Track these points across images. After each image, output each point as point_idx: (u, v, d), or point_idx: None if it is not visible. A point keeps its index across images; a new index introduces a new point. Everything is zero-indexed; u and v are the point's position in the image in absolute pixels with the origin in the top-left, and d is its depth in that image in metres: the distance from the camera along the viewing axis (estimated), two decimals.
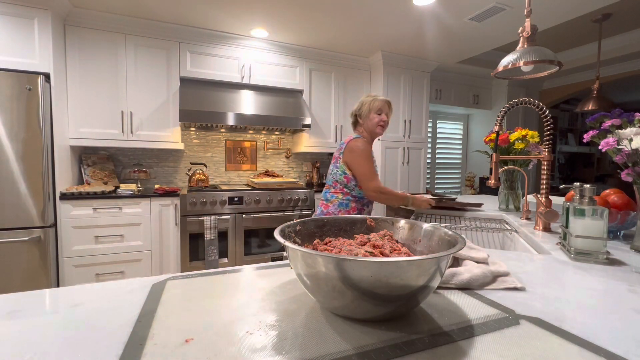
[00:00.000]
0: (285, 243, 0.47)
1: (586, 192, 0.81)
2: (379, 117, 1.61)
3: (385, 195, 1.52)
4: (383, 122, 1.62)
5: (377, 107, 1.61)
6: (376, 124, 1.62)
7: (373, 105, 1.62)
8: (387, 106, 1.65)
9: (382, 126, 1.64)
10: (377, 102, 1.62)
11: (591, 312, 0.50)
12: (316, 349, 0.39)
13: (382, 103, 1.62)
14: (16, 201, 2.06)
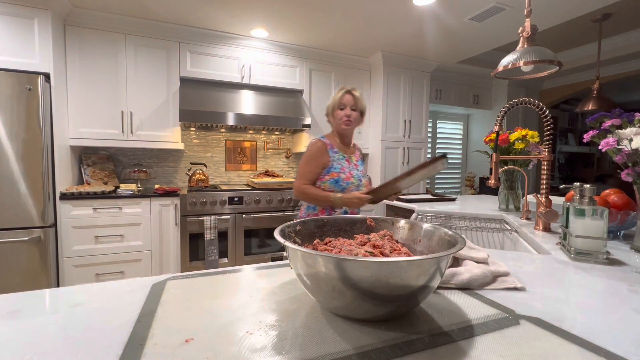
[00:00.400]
0: (285, 243, 0.47)
1: (586, 192, 0.81)
2: (341, 113, 1.44)
3: (306, 195, 1.42)
4: (347, 117, 1.43)
5: (337, 101, 1.44)
6: (339, 120, 1.45)
7: (335, 100, 1.46)
8: (350, 98, 1.44)
9: (347, 122, 1.44)
10: (338, 94, 1.44)
11: (591, 312, 0.50)
12: (316, 349, 0.39)
13: (343, 95, 1.43)
14: (16, 201, 2.06)
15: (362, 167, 1.55)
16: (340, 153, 1.49)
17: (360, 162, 1.56)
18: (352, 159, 1.51)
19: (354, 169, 1.48)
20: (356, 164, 1.52)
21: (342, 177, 1.41)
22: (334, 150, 1.48)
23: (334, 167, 1.44)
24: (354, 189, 1.42)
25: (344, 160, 1.47)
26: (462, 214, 1.60)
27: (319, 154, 1.45)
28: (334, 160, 1.46)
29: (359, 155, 1.59)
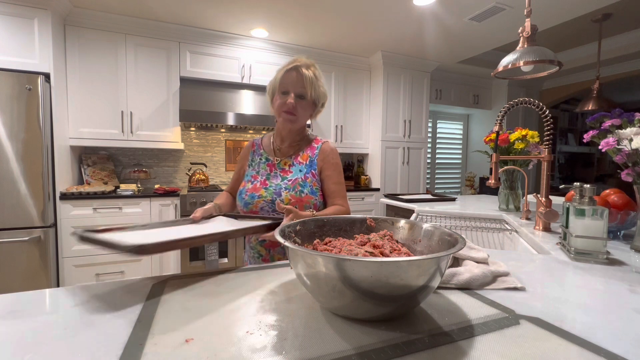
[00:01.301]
0: (285, 243, 0.47)
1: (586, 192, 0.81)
2: (281, 100, 0.99)
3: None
4: (289, 106, 0.98)
5: (277, 83, 1.00)
6: (278, 110, 1.01)
7: (275, 80, 1.02)
8: (296, 77, 0.98)
9: (289, 114, 0.99)
10: (280, 73, 1.00)
11: (591, 312, 0.50)
12: (316, 349, 0.39)
13: (286, 75, 0.98)
14: (16, 201, 2.06)
15: (300, 175, 1.04)
16: (264, 155, 1.11)
17: (302, 168, 1.05)
18: (280, 164, 1.07)
19: (276, 178, 1.05)
20: (288, 169, 1.06)
21: (245, 189, 1.04)
22: (258, 152, 1.13)
23: (246, 175, 1.11)
24: (265, 205, 1.00)
25: (264, 164, 1.09)
26: (462, 214, 1.60)
27: (241, 156, 1.18)
28: (251, 164, 1.13)
29: (307, 157, 1.08)
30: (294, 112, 1.00)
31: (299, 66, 0.99)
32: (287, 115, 1.00)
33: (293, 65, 0.99)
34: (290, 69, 0.99)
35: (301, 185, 1.03)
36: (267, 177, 1.07)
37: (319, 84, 1.02)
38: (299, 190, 1.02)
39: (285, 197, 0.99)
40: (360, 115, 3.53)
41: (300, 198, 1.00)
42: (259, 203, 1.01)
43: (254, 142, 1.17)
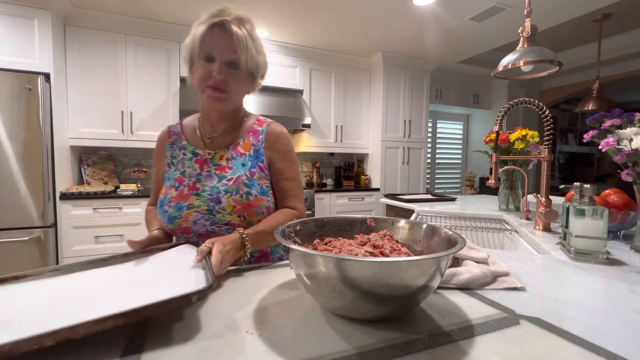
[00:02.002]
0: (285, 243, 0.47)
1: (586, 192, 0.81)
2: (203, 70, 0.73)
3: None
4: (215, 79, 0.72)
5: (198, 44, 0.72)
6: (200, 83, 0.74)
7: (194, 41, 0.73)
8: (224, 39, 0.71)
9: (217, 90, 0.73)
10: (199, 29, 0.72)
11: (591, 312, 0.50)
12: (316, 349, 0.39)
13: (209, 33, 0.72)
14: (16, 201, 2.06)
15: (245, 171, 0.79)
16: (190, 148, 0.83)
17: (244, 161, 0.80)
18: (214, 159, 0.80)
19: (210, 179, 0.78)
20: (226, 164, 0.80)
21: (167, 198, 0.77)
22: (179, 144, 0.84)
23: (167, 176, 0.82)
24: (199, 218, 0.75)
25: (190, 161, 0.81)
26: (462, 214, 1.60)
27: (155, 153, 0.88)
28: (171, 163, 0.83)
29: (251, 146, 0.82)
30: (223, 88, 0.73)
31: (227, 21, 0.70)
32: (213, 93, 0.73)
33: (219, 20, 0.70)
34: (214, 25, 0.70)
35: (247, 184, 0.77)
36: (197, 179, 0.78)
37: (257, 48, 0.76)
38: (245, 192, 0.76)
39: (227, 203, 0.74)
40: (360, 115, 3.53)
41: (248, 202, 0.75)
42: (190, 216, 0.75)
43: (169, 131, 0.86)
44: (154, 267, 0.57)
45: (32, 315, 0.40)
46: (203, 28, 0.72)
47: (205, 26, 0.72)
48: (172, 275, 0.52)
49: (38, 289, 0.50)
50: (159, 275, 0.52)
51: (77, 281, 0.52)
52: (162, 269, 0.56)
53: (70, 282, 0.52)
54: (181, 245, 0.69)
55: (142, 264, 0.59)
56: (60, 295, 0.47)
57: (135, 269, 0.57)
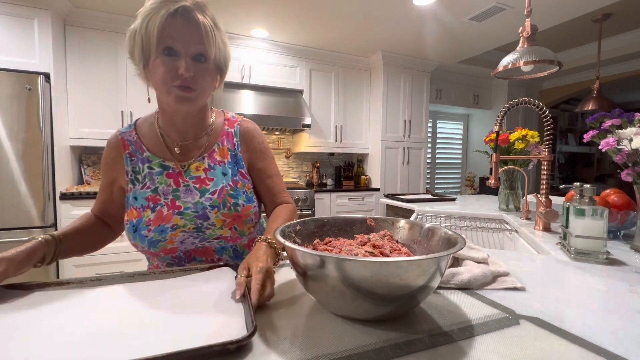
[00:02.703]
0: (285, 243, 0.47)
1: (586, 192, 0.81)
2: (165, 67, 0.62)
3: None
4: (183, 77, 0.62)
5: (156, 35, 0.61)
6: (163, 83, 0.63)
7: (149, 30, 0.61)
8: (189, 28, 0.62)
9: (186, 89, 0.63)
10: (155, 18, 0.60)
11: (591, 312, 0.50)
12: (316, 349, 0.39)
13: (170, 22, 0.61)
14: (16, 201, 2.06)
15: (227, 181, 0.73)
16: (156, 161, 0.72)
17: (224, 168, 0.74)
18: (189, 171, 0.72)
19: (189, 194, 0.71)
20: (205, 176, 0.72)
21: (143, 222, 0.68)
22: (139, 156, 0.72)
23: (132, 195, 0.71)
24: (186, 237, 0.70)
25: (160, 176, 0.71)
26: (462, 214, 1.60)
27: (105, 163, 0.74)
28: (134, 179, 0.71)
29: (227, 151, 0.76)
30: (192, 87, 0.64)
31: (189, 8, 0.61)
32: (182, 92, 0.63)
33: (178, 5, 0.59)
34: (175, 13, 0.60)
35: (233, 195, 0.71)
36: (174, 197, 0.70)
37: (223, 38, 0.68)
38: (233, 204, 0.71)
39: (217, 218, 0.69)
40: (360, 115, 3.53)
41: (238, 214, 0.71)
42: (176, 236, 0.68)
43: (123, 139, 0.72)
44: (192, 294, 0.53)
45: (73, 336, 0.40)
46: (160, 16, 0.59)
47: (162, 14, 0.59)
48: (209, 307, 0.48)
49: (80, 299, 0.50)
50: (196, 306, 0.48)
51: (115, 298, 0.51)
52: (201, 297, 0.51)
53: (109, 297, 0.51)
54: (219, 267, 0.64)
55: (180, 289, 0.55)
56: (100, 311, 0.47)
57: (172, 292, 0.53)
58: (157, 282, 0.57)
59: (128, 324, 0.43)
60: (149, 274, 0.60)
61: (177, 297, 0.52)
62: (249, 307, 0.45)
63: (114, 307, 0.48)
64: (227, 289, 0.55)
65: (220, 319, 0.44)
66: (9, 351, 0.37)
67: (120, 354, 0.36)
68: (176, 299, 0.51)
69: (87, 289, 0.54)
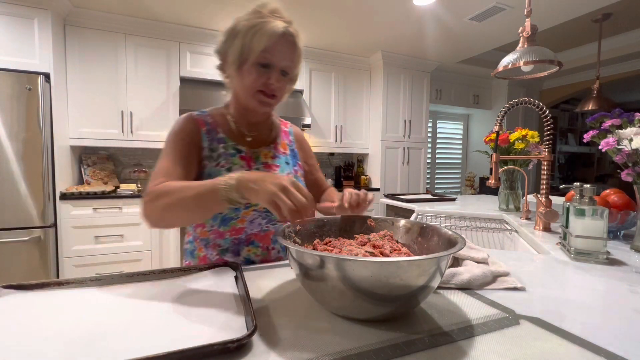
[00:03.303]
0: (285, 243, 0.47)
1: (586, 192, 0.81)
2: (258, 76, 0.71)
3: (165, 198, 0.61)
4: (271, 87, 0.72)
5: (257, 49, 0.68)
6: (252, 91, 0.72)
7: (253, 44, 0.68)
8: (287, 48, 0.72)
9: (270, 98, 0.73)
10: (265, 32, 0.68)
11: (591, 312, 0.51)
12: (316, 349, 0.39)
13: (275, 42, 0.69)
14: (16, 201, 2.06)
15: (290, 169, 0.84)
16: (230, 144, 0.79)
17: (286, 158, 0.85)
18: (259, 157, 0.81)
19: None
20: (271, 163, 0.82)
21: None
22: (215, 136, 0.78)
23: (207, 172, 0.76)
24: (256, 217, 0.77)
25: (234, 157, 0.78)
26: (462, 214, 1.60)
27: (186, 135, 0.76)
28: (210, 156, 0.77)
29: (287, 146, 0.88)
30: (276, 95, 0.74)
31: (291, 33, 0.72)
32: (265, 98, 0.73)
33: (283, 29, 0.70)
34: (282, 35, 0.70)
35: None
36: None
37: (302, 59, 0.78)
38: None
39: None
40: (360, 115, 3.53)
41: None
42: (248, 215, 0.74)
43: (200, 120, 0.78)
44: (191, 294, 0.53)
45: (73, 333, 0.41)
46: (268, 34, 0.68)
47: (270, 32, 0.68)
48: (210, 307, 0.48)
49: (80, 299, 0.51)
50: (196, 306, 0.49)
51: (115, 298, 0.51)
52: (201, 297, 0.52)
53: (109, 297, 0.52)
54: (219, 267, 0.64)
55: (180, 288, 0.55)
56: (99, 310, 0.47)
57: (172, 292, 0.54)
58: (157, 282, 0.58)
59: (128, 324, 0.43)
60: (149, 273, 0.60)
61: (177, 296, 0.52)
62: (249, 307, 0.45)
63: (113, 307, 0.48)
64: (227, 288, 0.55)
65: (221, 318, 0.44)
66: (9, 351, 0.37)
67: (121, 354, 0.36)
68: (176, 298, 0.51)
69: (87, 289, 0.54)
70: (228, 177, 0.55)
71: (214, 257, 0.78)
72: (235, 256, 0.78)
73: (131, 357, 0.33)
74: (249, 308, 0.45)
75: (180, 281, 0.58)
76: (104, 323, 0.43)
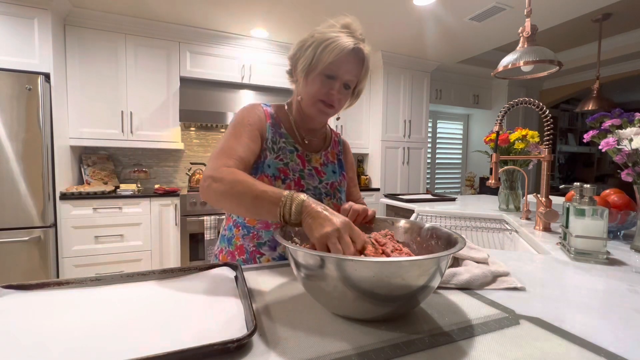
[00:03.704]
0: (285, 243, 0.47)
1: (586, 192, 0.81)
2: (322, 86, 0.75)
3: (230, 184, 0.63)
4: (332, 97, 0.75)
5: (326, 62, 0.71)
6: (315, 99, 0.76)
7: (323, 55, 0.71)
8: (354, 63, 0.75)
9: (329, 107, 0.77)
10: (335, 47, 0.71)
11: (591, 312, 0.51)
12: (316, 349, 0.39)
13: (344, 57, 0.72)
14: (16, 201, 2.06)
15: (336, 178, 0.87)
16: (290, 141, 0.82)
17: (334, 167, 0.88)
18: (312, 160, 0.84)
19: (311, 178, 0.82)
20: (320, 169, 0.85)
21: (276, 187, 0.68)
22: (278, 130, 0.82)
23: (267, 162, 0.78)
24: None
25: (292, 155, 0.81)
26: (462, 214, 1.60)
27: (256, 120, 0.79)
28: (271, 148, 0.79)
29: (335, 155, 0.91)
30: (335, 106, 0.77)
31: (361, 50, 0.74)
32: (325, 108, 0.76)
33: (355, 45, 0.72)
34: (351, 51, 0.72)
35: (339, 190, 0.87)
36: (300, 176, 0.80)
37: (368, 71, 0.79)
38: (339, 198, 0.86)
39: (326, 204, 0.67)
40: (360, 115, 3.53)
41: (338, 206, 0.80)
42: None
43: (267, 111, 0.82)
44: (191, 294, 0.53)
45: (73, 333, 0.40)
46: (339, 49, 0.70)
47: (341, 47, 0.71)
48: (210, 307, 0.48)
49: (79, 299, 0.50)
50: (196, 306, 0.48)
51: (115, 297, 0.51)
52: (201, 297, 0.51)
53: (109, 297, 0.52)
54: (219, 267, 0.64)
55: (180, 288, 0.55)
56: (99, 310, 0.47)
57: (172, 292, 0.54)
58: (157, 282, 0.57)
59: (128, 324, 0.43)
60: (149, 273, 0.60)
61: (177, 296, 0.52)
62: (249, 307, 0.45)
63: (113, 307, 0.48)
64: (227, 288, 0.55)
65: (221, 318, 0.44)
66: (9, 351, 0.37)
67: (121, 354, 0.36)
68: (176, 298, 0.51)
69: (87, 289, 0.54)
70: (293, 196, 0.56)
71: (250, 248, 0.80)
72: (271, 251, 0.80)
73: (131, 357, 0.33)
74: (249, 308, 0.45)
75: (180, 281, 0.58)
76: (104, 323, 0.43)
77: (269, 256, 0.80)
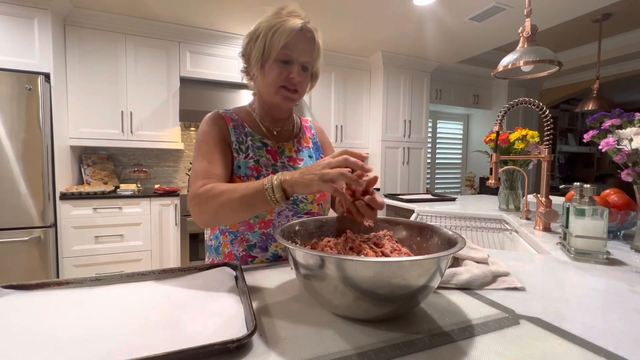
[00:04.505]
0: (285, 243, 0.47)
1: (586, 192, 0.81)
2: (279, 71, 0.74)
3: (213, 199, 0.65)
4: (292, 81, 0.75)
5: (277, 46, 0.71)
6: (275, 87, 0.75)
7: (274, 40, 0.72)
8: (306, 44, 0.74)
9: (293, 91, 0.76)
10: (284, 29, 0.71)
11: (591, 312, 0.50)
12: (316, 349, 0.39)
13: (292, 33, 0.71)
14: (16, 201, 2.06)
15: (313, 162, 0.84)
16: (256, 137, 0.81)
17: (309, 152, 0.88)
18: (284, 150, 0.84)
19: (286, 168, 0.81)
20: (295, 156, 0.84)
21: None
22: (241, 130, 0.81)
23: (237, 164, 0.78)
24: (283, 209, 0.78)
25: (261, 150, 0.80)
26: (462, 214, 1.60)
27: (217, 130, 0.78)
28: (238, 149, 0.79)
29: (309, 139, 0.90)
30: (298, 89, 0.76)
31: (309, 29, 0.74)
32: (288, 93, 0.76)
33: (301, 25, 0.72)
34: (300, 30, 0.72)
35: None
36: (273, 170, 0.79)
37: (321, 53, 0.81)
38: None
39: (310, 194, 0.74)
40: (360, 115, 3.53)
41: (324, 192, 0.72)
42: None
43: (227, 116, 0.81)
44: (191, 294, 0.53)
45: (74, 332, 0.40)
46: (287, 32, 0.71)
47: (288, 30, 0.71)
48: (210, 307, 0.48)
49: (80, 299, 0.50)
50: (196, 306, 0.48)
51: (115, 297, 0.51)
52: (201, 297, 0.51)
53: (109, 297, 0.51)
54: (219, 267, 0.63)
55: (180, 288, 0.55)
56: (99, 310, 0.47)
57: (172, 292, 0.53)
58: (157, 282, 0.57)
59: (128, 324, 0.43)
60: (149, 273, 0.60)
61: (177, 296, 0.52)
62: (249, 307, 0.45)
63: (113, 307, 0.48)
64: (227, 288, 0.54)
65: (221, 318, 0.44)
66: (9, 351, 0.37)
67: (120, 354, 0.36)
68: (176, 298, 0.51)
69: (87, 289, 0.54)
70: (273, 178, 0.58)
71: (240, 254, 0.78)
72: (263, 252, 0.78)
73: (131, 357, 0.33)
74: (249, 308, 0.45)
75: (180, 281, 0.58)
76: (104, 323, 0.43)
77: (262, 258, 0.78)
